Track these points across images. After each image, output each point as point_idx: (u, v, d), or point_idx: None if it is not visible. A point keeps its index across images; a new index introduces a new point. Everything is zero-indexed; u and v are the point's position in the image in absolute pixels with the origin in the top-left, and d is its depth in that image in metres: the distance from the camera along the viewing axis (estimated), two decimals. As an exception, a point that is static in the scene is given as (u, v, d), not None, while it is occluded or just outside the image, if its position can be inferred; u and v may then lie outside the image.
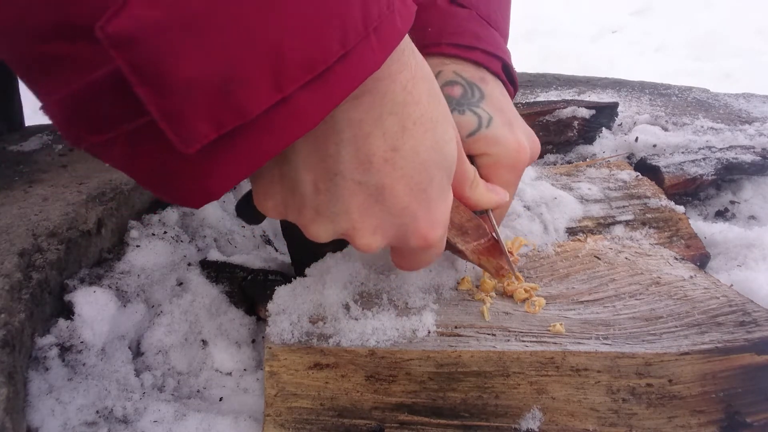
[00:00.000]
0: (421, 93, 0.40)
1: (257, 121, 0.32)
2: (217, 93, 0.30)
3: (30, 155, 0.82)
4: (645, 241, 0.68)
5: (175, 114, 0.30)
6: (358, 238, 0.42)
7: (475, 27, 0.60)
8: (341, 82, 0.34)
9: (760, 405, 0.49)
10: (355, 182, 0.40)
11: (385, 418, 0.48)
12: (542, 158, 0.98)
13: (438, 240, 0.44)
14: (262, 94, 0.31)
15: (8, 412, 0.44)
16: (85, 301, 0.56)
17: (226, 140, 0.32)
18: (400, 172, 0.40)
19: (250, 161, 0.34)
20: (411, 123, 0.40)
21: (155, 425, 0.49)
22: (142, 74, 0.28)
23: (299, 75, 0.32)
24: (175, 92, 0.29)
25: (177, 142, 0.31)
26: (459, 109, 0.56)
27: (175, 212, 0.73)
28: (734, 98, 1.19)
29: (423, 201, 0.42)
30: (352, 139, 0.38)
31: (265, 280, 0.64)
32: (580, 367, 0.47)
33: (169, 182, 0.34)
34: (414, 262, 0.48)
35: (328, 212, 0.41)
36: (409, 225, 0.42)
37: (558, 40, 3.18)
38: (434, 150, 0.41)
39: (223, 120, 0.31)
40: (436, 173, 0.42)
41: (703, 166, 0.85)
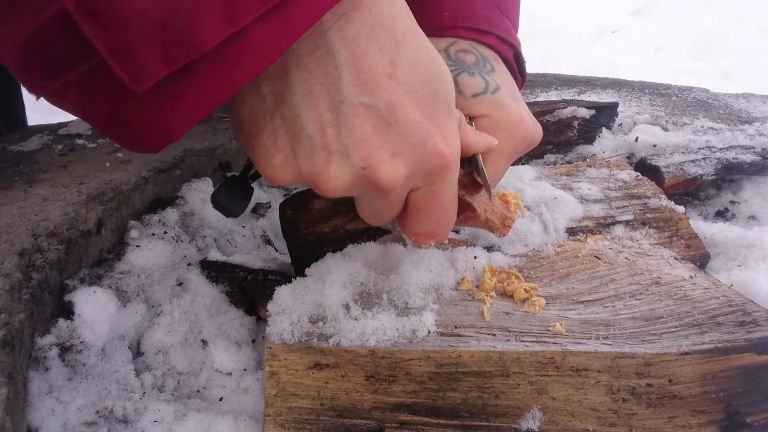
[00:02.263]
0: (402, 8, 0.39)
1: (212, 56, 0.31)
2: (166, 26, 0.29)
3: (30, 155, 0.82)
4: (645, 241, 0.68)
5: (123, 50, 0.29)
6: (380, 167, 0.39)
7: (489, 13, 0.61)
8: (301, 13, 0.32)
9: (760, 405, 0.49)
10: (363, 106, 0.38)
11: (385, 418, 0.48)
12: (542, 158, 0.98)
13: (455, 157, 0.42)
14: (215, 27, 0.30)
15: (8, 412, 0.44)
16: (85, 301, 0.56)
17: (181, 76, 0.31)
18: (404, 87, 0.39)
19: (208, 97, 0.32)
20: (401, 35, 0.38)
21: (155, 425, 0.49)
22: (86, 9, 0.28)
23: (254, 6, 0.31)
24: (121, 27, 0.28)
25: (127, 79, 0.30)
26: (469, 71, 0.56)
27: (175, 212, 0.73)
28: (734, 98, 1.19)
29: (432, 116, 0.40)
30: (351, 59, 0.37)
31: (265, 280, 0.64)
32: (580, 367, 0.47)
33: (127, 125, 0.33)
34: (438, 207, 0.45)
35: (341, 146, 0.39)
36: (425, 143, 0.40)
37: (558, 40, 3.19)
38: (430, 62, 0.40)
39: (174, 55, 0.30)
40: (438, 86, 0.41)
41: (703, 166, 0.85)
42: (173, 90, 0.31)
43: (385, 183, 0.40)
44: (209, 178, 0.82)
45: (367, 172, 0.40)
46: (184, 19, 0.29)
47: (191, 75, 0.31)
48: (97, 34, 0.28)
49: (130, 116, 0.32)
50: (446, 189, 0.45)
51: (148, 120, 0.33)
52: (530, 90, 1.22)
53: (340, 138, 0.38)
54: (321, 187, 0.41)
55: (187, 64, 0.30)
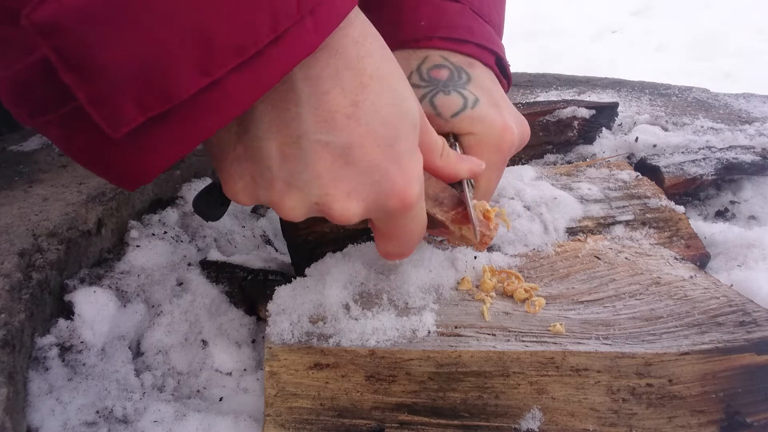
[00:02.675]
0: (374, 48, 0.40)
1: (187, 104, 0.32)
2: (142, 77, 0.30)
3: (30, 155, 0.82)
4: (645, 241, 0.68)
5: (101, 98, 0.30)
6: (334, 205, 0.41)
7: (467, 21, 0.60)
8: (274, 65, 0.33)
9: (760, 405, 0.49)
10: (321, 143, 0.38)
11: (385, 418, 0.48)
12: (542, 158, 0.98)
13: (416, 198, 0.43)
14: (189, 78, 0.31)
15: (8, 412, 0.44)
16: (85, 301, 0.56)
17: (156, 123, 0.32)
18: (364, 128, 0.39)
19: (182, 143, 0.33)
20: (368, 77, 0.39)
21: (155, 425, 0.49)
22: (67, 60, 0.29)
23: (228, 59, 0.32)
24: (99, 77, 0.29)
25: (105, 126, 0.31)
26: (444, 90, 0.56)
27: (175, 212, 0.73)
28: (734, 98, 1.19)
29: (392, 157, 0.41)
30: (312, 96, 0.38)
31: (265, 280, 0.64)
32: (580, 367, 0.47)
33: (103, 164, 0.34)
34: (398, 236, 0.46)
35: (299, 181, 0.40)
36: (383, 183, 0.41)
37: (558, 40, 3.19)
38: (395, 105, 0.40)
39: (149, 104, 0.31)
40: (401, 128, 0.41)
41: (703, 166, 0.85)
42: (149, 135, 0.32)
43: (339, 219, 0.42)
44: (209, 178, 0.82)
45: (322, 207, 0.41)
46: (159, 71, 0.30)
47: (166, 122, 0.32)
48: (76, 83, 0.30)
49: (107, 157, 0.34)
50: (407, 221, 0.45)
51: (124, 162, 0.34)
52: (530, 90, 1.22)
53: (298, 172, 0.40)
54: (280, 214, 0.43)
55: (162, 112, 0.31)
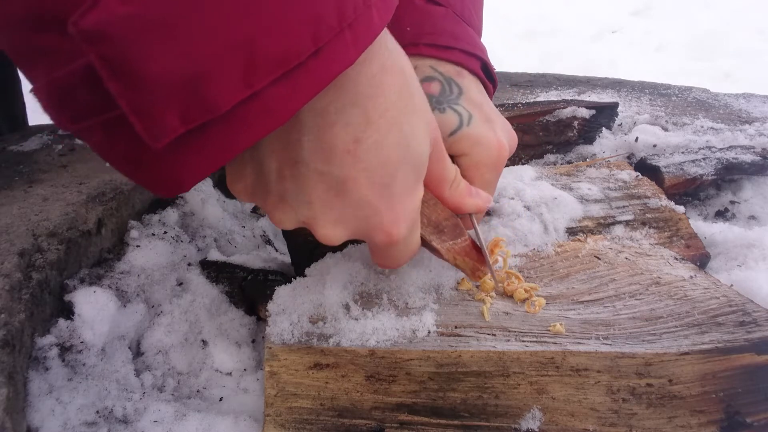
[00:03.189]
0: (391, 86, 0.40)
1: (227, 116, 0.32)
2: (187, 89, 0.30)
3: (30, 155, 0.82)
4: (645, 241, 0.68)
5: (145, 108, 0.30)
6: (319, 229, 0.42)
7: (451, 26, 0.60)
8: (313, 78, 0.34)
9: (760, 405, 0.49)
10: (317, 172, 0.40)
11: (385, 418, 0.48)
12: (542, 158, 0.98)
13: (402, 236, 0.44)
14: (232, 90, 0.31)
15: (8, 412, 0.44)
16: (85, 301, 0.56)
17: (196, 134, 0.32)
18: (361, 165, 0.40)
19: (219, 154, 0.34)
20: (376, 116, 0.39)
21: (155, 425, 0.49)
22: (112, 69, 0.29)
23: (270, 71, 0.32)
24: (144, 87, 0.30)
25: (146, 136, 0.31)
26: (440, 108, 0.56)
27: (175, 212, 0.73)
28: (734, 98, 1.19)
29: (385, 196, 0.41)
30: (315, 128, 0.38)
31: (265, 280, 0.64)
32: (580, 367, 0.47)
33: (142, 172, 0.35)
34: (386, 258, 0.47)
35: (291, 200, 0.42)
36: (371, 219, 0.42)
37: (558, 40, 3.19)
38: (399, 146, 0.41)
39: (191, 115, 0.31)
40: (401, 170, 0.41)
41: (703, 166, 0.85)
42: (187, 147, 0.33)
43: (323, 240, 0.43)
44: (209, 178, 0.82)
45: (308, 226, 0.43)
46: (204, 83, 0.30)
47: (205, 133, 0.33)
48: (120, 92, 0.30)
49: (146, 166, 0.34)
50: (395, 252, 0.46)
51: (161, 171, 0.34)
52: (530, 90, 1.22)
53: (292, 193, 0.41)
54: (270, 220, 0.45)
55: (202, 124, 0.32)
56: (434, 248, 0.50)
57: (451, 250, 0.50)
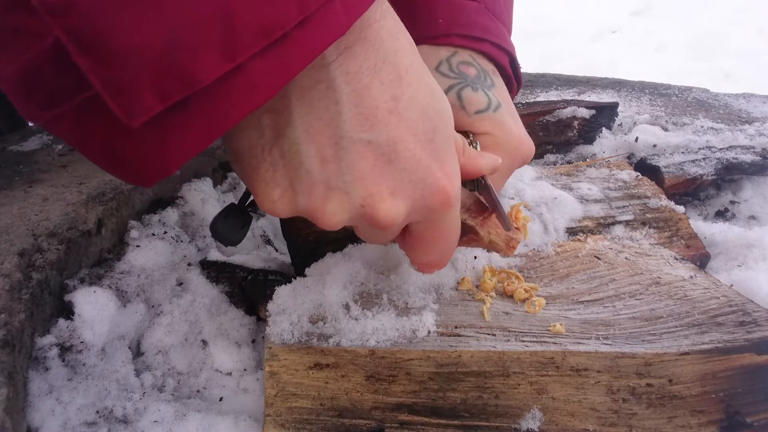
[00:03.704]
0: (405, 41, 0.39)
1: (208, 92, 0.30)
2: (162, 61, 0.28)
3: (30, 155, 0.82)
4: (645, 241, 0.68)
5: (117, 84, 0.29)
6: (378, 205, 0.39)
7: (484, 20, 0.60)
8: (301, 48, 0.32)
9: (760, 405, 0.49)
10: (363, 142, 0.37)
11: (385, 418, 0.48)
12: (542, 158, 0.98)
13: (456, 193, 0.42)
14: (211, 62, 0.29)
15: (8, 412, 0.44)
16: (85, 301, 0.56)
17: (176, 111, 0.30)
18: (405, 123, 0.38)
19: (204, 133, 0.32)
20: (404, 71, 0.38)
21: (155, 425, 0.49)
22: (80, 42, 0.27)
23: (252, 42, 0.30)
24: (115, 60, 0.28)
25: (121, 114, 0.29)
26: (473, 86, 0.56)
27: (175, 212, 0.73)
28: (734, 98, 1.19)
29: (433, 152, 0.40)
30: (352, 94, 0.36)
31: (265, 280, 0.64)
32: (580, 367, 0.47)
33: (121, 158, 0.33)
34: (440, 240, 0.45)
35: (341, 183, 0.38)
36: (426, 180, 0.40)
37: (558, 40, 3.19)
38: (431, 98, 0.40)
39: (169, 90, 0.29)
40: (439, 122, 0.40)
41: (703, 166, 0.85)
42: (168, 125, 0.31)
43: (384, 220, 0.40)
44: (209, 178, 0.82)
45: (366, 209, 0.39)
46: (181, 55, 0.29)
47: (186, 110, 0.31)
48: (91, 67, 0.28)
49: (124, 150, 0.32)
50: (448, 222, 0.44)
51: (142, 154, 0.32)
52: (530, 90, 1.22)
53: (340, 174, 0.38)
54: (319, 222, 0.40)
55: (182, 100, 0.30)
56: (469, 227, 0.50)
57: (485, 225, 0.50)
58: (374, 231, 0.44)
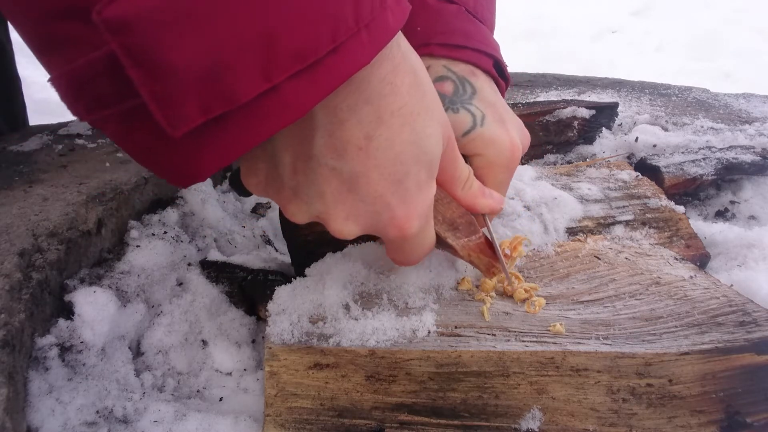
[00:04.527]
0: (402, 86, 0.40)
1: (245, 108, 0.33)
2: (207, 79, 0.31)
3: (30, 155, 0.82)
4: (645, 241, 0.68)
5: (165, 97, 0.31)
6: (332, 223, 0.43)
7: (464, 24, 0.60)
8: (330, 74, 0.34)
9: (760, 405, 0.49)
10: (329, 168, 0.40)
11: (385, 418, 0.48)
12: (542, 158, 0.98)
13: (414, 231, 0.44)
14: (251, 82, 0.32)
15: (8, 412, 0.44)
16: (85, 301, 0.56)
17: (214, 125, 0.33)
18: (373, 161, 0.40)
19: (236, 146, 0.35)
20: (388, 114, 0.40)
21: (155, 425, 0.49)
22: (134, 58, 0.29)
23: (289, 65, 0.32)
24: (165, 76, 0.30)
25: (165, 124, 0.32)
26: (453, 108, 0.56)
27: (175, 212, 0.73)
28: (734, 98, 1.19)
29: (397, 192, 0.42)
30: (328, 125, 0.39)
31: (265, 280, 0.64)
32: (580, 367, 0.47)
33: (159, 161, 0.35)
34: (401, 254, 0.48)
35: (304, 194, 0.42)
36: (383, 214, 0.43)
37: (558, 40, 3.18)
38: (412, 143, 0.41)
39: (210, 105, 0.32)
40: (413, 167, 0.42)
41: (703, 166, 0.85)
42: (205, 137, 0.34)
43: (336, 234, 0.44)
44: (209, 178, 0.82)
45: (321, 220, 0.44)
46: (224, 74, 0.31)
47: (223, 124, 0.33)
48: (142, 80, 0.30)
49: (163, 155, 0.35)
50: (408, 246, 0.47)
51: (178, 160, 0.35)
52: (530, 90, 1.22)
53: (305, 187, 0.42)
54: (284, 214, 0.45)
55: (221, 114, 0.32)
56: (449, 245, 0.50)
57: (466, 247, 0.51)
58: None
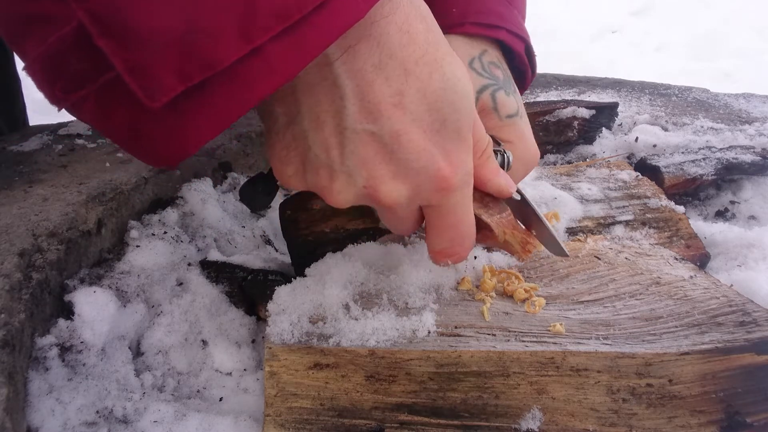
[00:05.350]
0: (418, 32, 0.38)
1: (227, 73, 0.31)
2: (183, 43, 0.29)
3: (30, 155, 0.82)
4: (645, 241, 0.68)
5: (139, 66, 0.29)
6: (380, 186, 0.41)
7: (498, 6, 0.60)
8: (319, 33, 0.32)
9: (760, 405, 0.49)
10: (367, 133, 0.38)
11: (385, 418, 0.48)
12: (542, 158, 0.98)
13: (460, 180, 0.42)
14: (230, 44, 0.30)
15: (8, 412, 0.44)
16: (85, 301, 0.56)
17: (196, 93, 0.31)
18: (410, 116, 0.38)
19: (223, 114, 0.33)
20: (413, 64, 0.38)
21: (155, 425, 0.49)
22: (102, 25, 0.28)
23: (270, 25, 0.30)
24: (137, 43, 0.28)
25: (143, 95, 0.30)
26: (506, 90, 0.56)
27: (175, 212, 0.73)
28: (734, 98, 1.19)
29: (438, 142, 0.40)
30: (356, 90, 0.37)
31: (265, 280, 0.64)
32: (580, 367, 0.47)
33: (142, 139, 0.33)
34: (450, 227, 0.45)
35: (344, 167, 0.40)
36: (428, 167, 0.41)
37: (558, 40, 3.18)
38: (444, 90, 0.39)
39: (189, 72, 0.30)
40: (450, 113, 0.40)
41: (703, 166, 0.85)
42: (188, 106, 0.32)
43: (387, 201, 0.42)
44: (209, 178, 0.82)
45: (369, 191, 0.41)
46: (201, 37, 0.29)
47: (206, 92, 0.31)
48: (113, 50, 0.29)
49: (145, 131, 0.33)
50: (455, 207, 0.44)
51: (162, 135, 0.33)
52: (530, 90, 1.22)
53: (344, 159, 0.40)
54: (327, 199, 0.43)
55: (202, 81, 0.31)
56: (484, 223, 0.49)
57: (501, 224, 0.50)
58: (386, 213, 0.45)
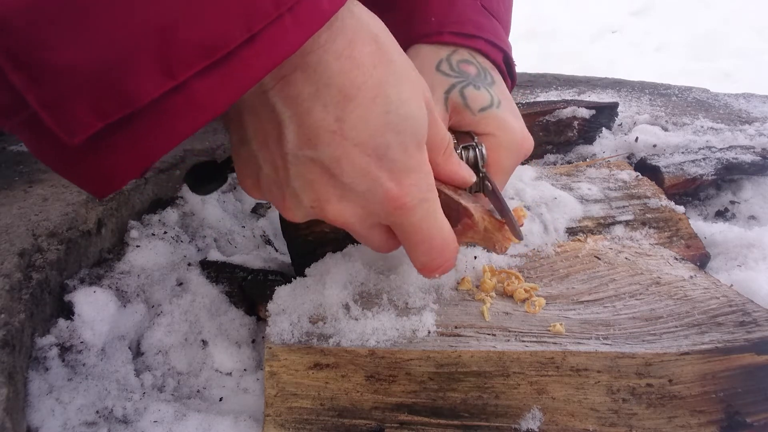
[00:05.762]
0: (363, 56, 0.37)
1: (150, 109, 0.30)
2: (97, 79, 0.28)
3: (30, 155, 0.82)
4: (645, 241, 0.68)
5: (54, 102, 0.28)
6: (326, 207, 0.41)
7: (477, 16, 0.60)
8: (248, 68, 0.31)
9: (760, 405, 0.49)
10: (307, 158, 0.39)
11: (385, 418, 0.48)
12: (542, 158, 0.98)
13: (415, 201, 0.41)
14: (150, 81, 0.29)
15: (8, 412, 0.44)
16: (85, 301, 0.56)
17: (118, 129, 0.30)
18: (351, 141, 0.38)
19: (149, 150, 0.32)
20: (355, 90, 0.37)
21: (155, 425, 0.49)
22: (15, 60, 0.27)
23: (193, 61, 0.30)
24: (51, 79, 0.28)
25: (60, 132, 0.29)
26: (475, 84, 0.56)
27: (175, 212, 0.73)
28: (734, 98, 1.19)
29: (384, 165, 0.40)
30: (294, 118, 0.37)
31: (265, 280, 0.64)
32: (580, 367, 0.47)
33: (72, 171, 0.33)
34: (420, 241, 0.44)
35: (291, 189, 0.41)
36: (376, 191, 0.40)
37: (558, 40, 3.18)
38: (387, 113, 0.39)
39: (106, 108, 0.29)
40: (395, 137, 0.39)
41: (703, 166, 0.85)
42: (110, 142, 0.31)
43: (337, 221, 0.42)
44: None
45: (317, 210, 0.42)
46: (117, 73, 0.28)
47: (129, 127, 0.30)
48: (26, 85, 0.28)
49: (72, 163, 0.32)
50: (420, 224, 0.43)
51: (86, 170, 0.32)
52: (530, 90, 1.22)
53: (289, 181, 0.40)
54: (283, 214, 0.44)
55: (123, 118, 0.30)
56: (463, 208, 0.48)
57: (479, 210, 0.48)
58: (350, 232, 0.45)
